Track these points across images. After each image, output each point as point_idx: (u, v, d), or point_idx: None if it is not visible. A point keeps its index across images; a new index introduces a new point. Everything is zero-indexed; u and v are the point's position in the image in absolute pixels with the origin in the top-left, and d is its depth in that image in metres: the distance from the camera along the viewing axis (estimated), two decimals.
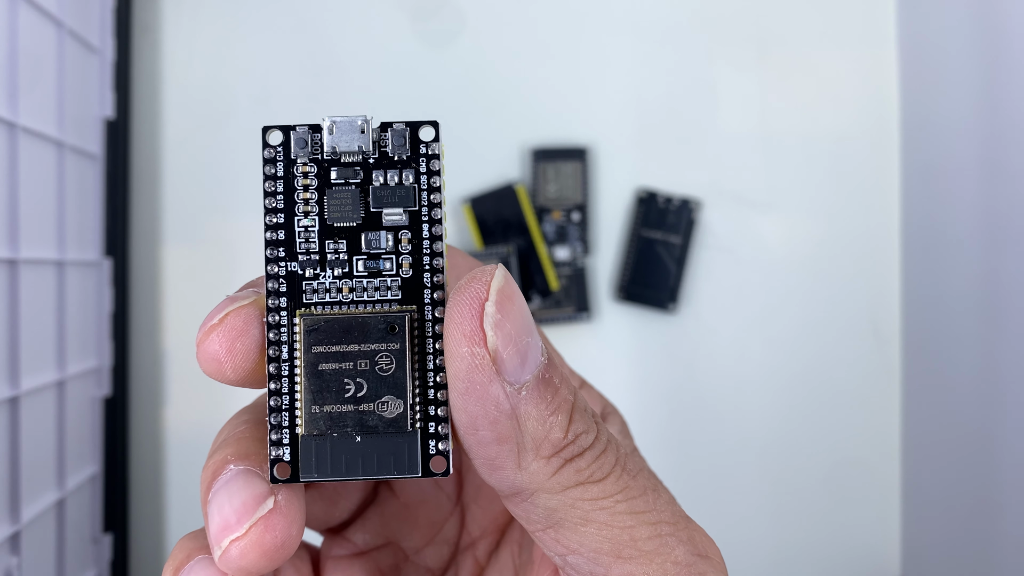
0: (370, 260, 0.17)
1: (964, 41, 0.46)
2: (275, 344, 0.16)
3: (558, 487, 0.16)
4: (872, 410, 0.52)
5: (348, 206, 0.17)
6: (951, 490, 0.47)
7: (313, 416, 0.16)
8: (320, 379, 0.16)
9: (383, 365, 0.16)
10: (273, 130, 0.17)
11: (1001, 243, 0.43)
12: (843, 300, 0.52)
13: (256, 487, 0.16)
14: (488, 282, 0.15)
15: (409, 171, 0.17)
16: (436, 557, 0.22)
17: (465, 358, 0.15)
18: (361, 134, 0.17)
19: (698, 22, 0.52)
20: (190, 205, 0.50)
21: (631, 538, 0.16)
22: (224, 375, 0.16)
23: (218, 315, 0.16)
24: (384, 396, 0.16)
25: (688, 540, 0.17)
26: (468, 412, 0.15)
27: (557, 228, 0.51)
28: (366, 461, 0.16)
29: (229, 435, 0.17)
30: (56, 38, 0.42)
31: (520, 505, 0.17)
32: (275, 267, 0.17)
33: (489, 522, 0.22)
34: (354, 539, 0.22)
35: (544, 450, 0.16)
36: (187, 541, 0.17)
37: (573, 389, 0.17)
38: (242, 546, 0.16)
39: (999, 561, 0.43)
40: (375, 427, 0.16)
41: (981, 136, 0.45)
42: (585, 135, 0.52)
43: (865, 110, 0.53)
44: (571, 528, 0.16)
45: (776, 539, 0.52)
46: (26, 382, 0.38)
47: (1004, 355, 0.43)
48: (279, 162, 0.17)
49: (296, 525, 0.16)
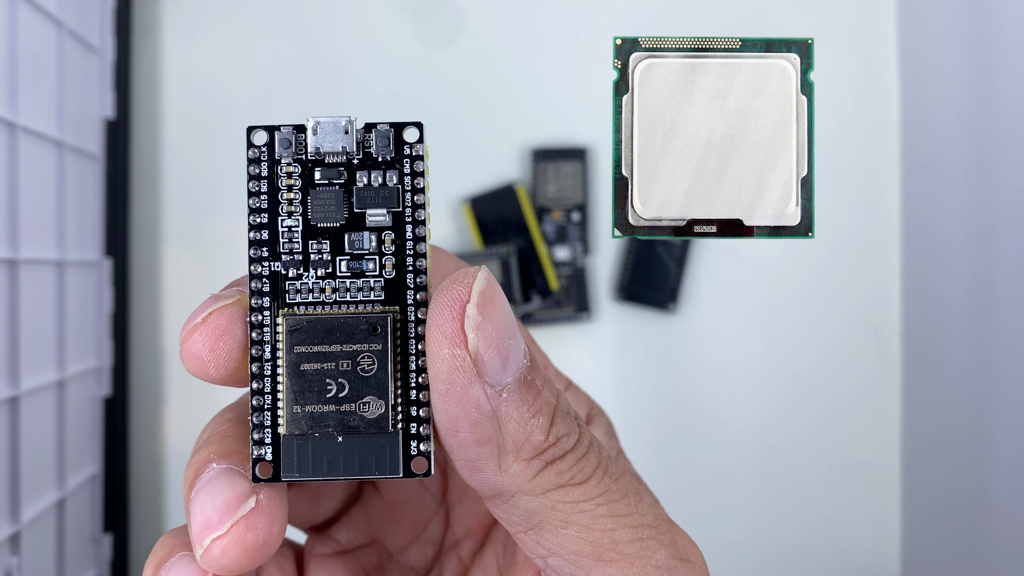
0: (353, 261, 0.17)
1: (963, 41, 0.46)
2: (258, 344, 0.16)
3: (539, 489, 0.16)
4: (872, 410, 0.52)
5: (332, 206, 0.17)
6: (951, 490, 0.47)
7: (295, 416, 0.16)
8: (302, 379, 0.16)
9: (365, 366, 0.16)
10: (257, 130, 0.17)
11: (1001, 243, 0.43)
12: (843, 300, 0.52)
13: (238, 486, 0.16)
14: (470, 284, 0.15)
15: (393, 172, 0.17)
16: (420, 556, 0.22)
17: (446, 360, 0.15)
18: (345, 135, 0.17)
19: (698, 22, 0.52)
20: (190, 205, 0.50)
21: (612, 541, 0.16)
22: (207, 374, 0.16)
23: (201, 314, 0.16)
24: (366, 396, 0.16)
25: (670, 544, 0.17)
26: (449, 414, 0.15)
27: (557, 228, 0.51)
28: (348, 461, 0.16)
29: (212, 433, 0.17)
30: (56, 38, 0.42)
31: (501, 507, 0.17)
32: (258, 267, 0.17)
33: (474, 522, 0.22)
34: (338, 537, 0.22)
35: (525, 452, 0.16)
36: (169, 538, 0.17)
37: (556, 391, 0.17)
38: (223, 545, 0.16)
39: (999, 561, 0.43)
40: (357, 427, 0.16)
41: (981, 136, 0.45)
42: (585, 135, 0.52)
43: (865, 110, 0.53)
44: (551, 530, 0.16)
45: (776, 539, 0.52)
46: (26, 382, 0.38)
47: (1004, 355, 0.43)
48: (263, 162, 0.17)
49: (278, 524, 0.16)
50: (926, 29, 0.50)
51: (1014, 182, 0.42)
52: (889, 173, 0.53)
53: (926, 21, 0.50)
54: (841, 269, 0.52)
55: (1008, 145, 0.42)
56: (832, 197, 0.52)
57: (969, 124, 0.45)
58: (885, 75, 0.53)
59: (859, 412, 0.52)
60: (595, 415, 0.22)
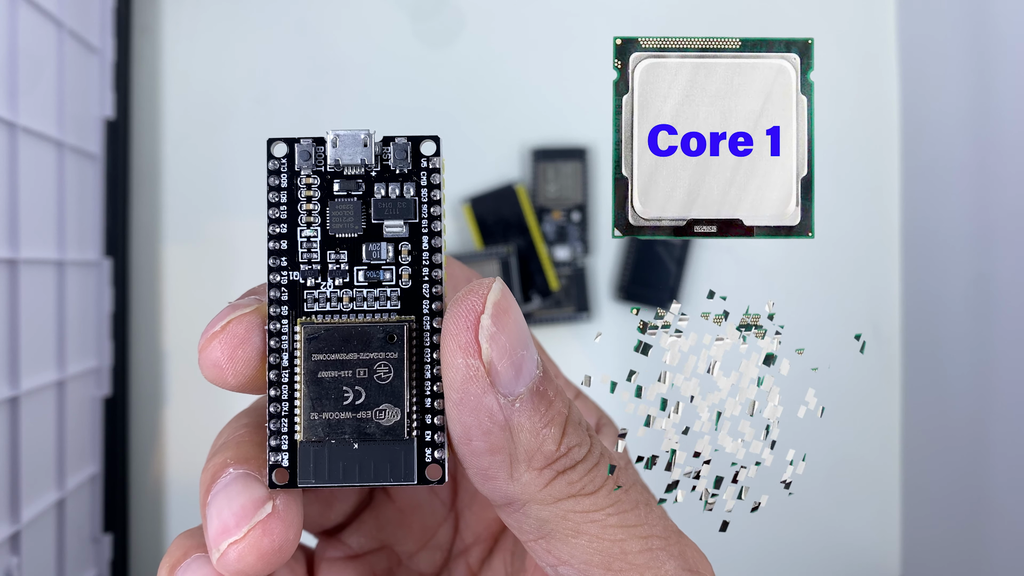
0: (370, 271, 0.17)
1: (963, 42, 0.46)
2: (276, 351, 0.17)
3: (550, 499, 0.16)
4: (872, 410, 0.52)
5: (350, 217, 0.17)
6: (951, 490, 0.47)
7: (312, 423, 0.16)
8: (319, 386, 0.16)
9: (381, 374, 0.16)
10: (278, 142, 0.17)
11: (1001, 243, 0.43)
12: (843, 300, 0.52)
13: (255, 491, 0.16)
14: (485, 295, 0.16)
15: (410, 184, 0.17)
16: (429, 562, 0.22)
17: (460, 369, 0.15)
18: (364, 147, 0.17)
19: (698, 22, 0.52)
20: (190, 205, 0.50)
21: (621, 551, 0.16)
22: (225, 381, 0.16)
23: (220, 322, 0.16)
24: (382, 404, 0.16)
25: (679, 555, 0.17)
26: (462, 422, 0.16)
27: (557, 228, 0.51)
28: (363, 468, 0.16)
29: (228, 438, 0.17)
30: (56, 38, 0.42)
31: (512, 515, 0.17)
32: (277, 276, 0.17)
33: (482, 529, 0.22)
34: (349, 542, 0.22)
35: (536, 462, 0.16)
36: (184, 539, 0.17)
37: (568, 402, 0.17)
38: (240, 549, 0.16)
39: (999, 561, 0.43)
40: (372, 434, 0.16)
41: (981, 137, 0.45)
42: (585, 135, 0.52)
43: (865, 110, 0.53)
44: (562, 539, 0.16)
45: (776, 539, 0.52)
46: (26, 382, 0.38)
47: (1004, 355, 0.43)
48: (283, 173, 0.17)
49: (293, 530, 0.16)
50: (926, 29, 0.50)
51: (1014, 182, 0.42)
52: (889, 173, 0.53)
53: (926, 22, 0.50)
54: (841, 269, 0.52)
55: (1008, 145, 0.42)
56: (832, 197, 0.52)
57: (969, 124, 0.45)
58: (885, 75, 0.53)
59: (859, 412, 0.52)
60: (604, 424, 0.22)
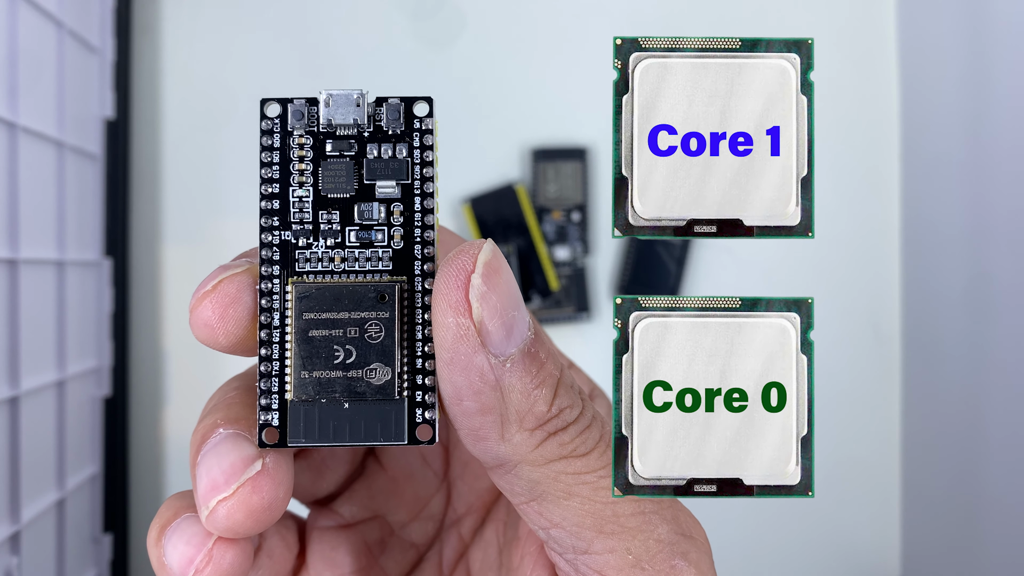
0: (362, 231, 0.17)
1: (963, 41, 0.46)
2: (267, 311, 0.17)
3: (541, 460, 0.16)
4: (872, 410, 0.52)
5: (342, 177, 0.17)
6: (951, 490, 0.47)
7: (302, 381, 0.16)
8: (310, 345, 0.16)
9: (372, 333, 0.16)
10: (271, 102, 0.17)
11: (1000, 242, 0.43)
12: (843, 300, 0.52)
13: (244, 450, 0.16)
14: (476, 255, 0.15)
15: (403, 145, 0.17)
16: (421, 532, 0.22)
17: (450, 328, 0.15)
18: (357, 108, 0.17)
19: (698, 22, 0.52)
20: (190, 205, 0.50)
21: (614, 513, 0.16)
22: (216, 341, 0.16)
23: (211, 282, 0.16)
24: (373, 363, 0.16)
25: (672, 519, 0.17)
26: (453, 382, 0.16)
27: (557, 228, 0.51)
28: (353, 427, 0.16)
29: (219, 400, 0.18)
30: (56, 38, 0.42)
31: (504, 477, 0.17)
32: (269, 235, 0.17)
33: (475, 499, 0.22)
34: (341, 511, 0.22)
35: (528, 422, 0.16)
36: (175, 500, 0.17)
37: (560, 365, 0.17)
38: (229, 506, 0.16)
39: (998, 561, 0.43)
40: (363, 393, 0.16)
41: (980, 136, 0.45)
42: (585, 135, 0.52)
43: (865, 110, 0.53)
44: (554, 501, 0.16)
45: (776, 539, 0.52)
46: (26, 382, 0.38)
47: (1003, 354, 0.43)
48: (276, 133, 0.17)
49: (283, 488, 0.16)
50: (925, 29, 0.50)
51: (1013, 181, 0.42)
52: (889, 173, 0.53)
53: (925, 21, 0.50)
54: (841, 269, 0.52)
55: (1007, 144, 0.42)
56: (832, 197, 0.52)
57: (968, 124, 0.45)
58: (885, 75, 0.53)
59: (859, 412, 0.52)
60: (597, 395, 0.22)
